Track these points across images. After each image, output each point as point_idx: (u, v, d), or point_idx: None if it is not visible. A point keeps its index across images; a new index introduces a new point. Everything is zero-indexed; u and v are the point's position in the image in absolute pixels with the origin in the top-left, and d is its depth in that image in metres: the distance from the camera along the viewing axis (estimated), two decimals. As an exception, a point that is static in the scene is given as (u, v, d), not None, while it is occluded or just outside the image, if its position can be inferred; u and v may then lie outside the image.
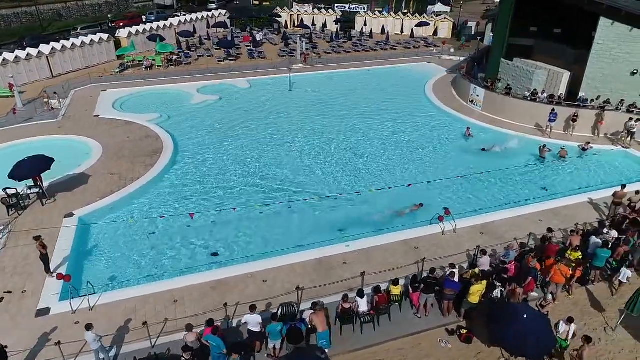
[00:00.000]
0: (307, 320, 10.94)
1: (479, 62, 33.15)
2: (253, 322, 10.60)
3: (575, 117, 23.72)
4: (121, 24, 45.42)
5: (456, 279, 12.25)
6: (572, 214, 16.91)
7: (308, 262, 14.37)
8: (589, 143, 22.52)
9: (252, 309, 10.75)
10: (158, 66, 37.02)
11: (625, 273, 12.85)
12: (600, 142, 23.49)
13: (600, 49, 24.26)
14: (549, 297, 11.54)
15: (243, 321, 10.76)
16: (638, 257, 13.81)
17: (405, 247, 15.12)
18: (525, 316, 9.65)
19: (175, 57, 37.74)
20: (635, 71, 23.82)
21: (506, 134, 24.40)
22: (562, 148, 22.45)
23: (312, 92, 32.55)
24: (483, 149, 22.76)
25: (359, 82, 34.71)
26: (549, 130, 24.16)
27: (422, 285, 11.68)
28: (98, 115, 26.77)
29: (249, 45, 43.26)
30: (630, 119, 22.64)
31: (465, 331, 11.51)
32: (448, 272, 11.89)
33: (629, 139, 22.90)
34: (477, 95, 28.09)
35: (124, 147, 22.55)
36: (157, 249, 15.49)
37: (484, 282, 11.72)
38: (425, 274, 12.68)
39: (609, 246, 12.69)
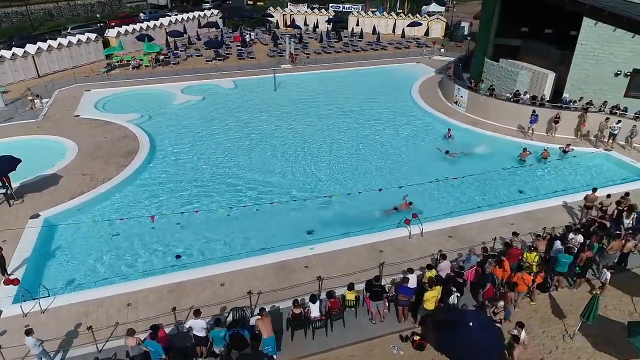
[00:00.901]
0: (255, 326, 10.73)
1: (466, 62, 32.84)
2: (197, 326, 10.41)
3: (557, 119, 23.38)
4: (113, 24, 45.35)
5: (414, 284, 12.04)
6: (546, 218, 16.58)
7: (270, 266, 14.16)
8: (570, 145, 22.18)
9: (197, 313, 10.56)
10: (145, 66, 36.94)
11: (605, 274, 12.65)
12: (582, 144, 23.16)
13: (583, 49, 23.92)
14: (500, 304, 11.27)
15: (187, 326, 10.56)
16: (605, 263, 13.51)
17: (370, 250, 14.88)
18: (471, 324, 9.39)
19: (162, 57, 37.62)
20: (619, 72, 23.45)
21: (480, 137, 24.06)
22: (544, 149, 22.14)
23: (297, 93, 32.35)
24: (447, 152, 22.33)
25: (346, 83, 34.47)
26: (530, 132, 23.83)
27: (369, 293, 11.43)
28: (78, 116, 26.68)
29: (239, 45, 43.12)
30: (607, 119, 22.30)
31: (418, 338, 11.26)
32: (401, 278, 11.64)
33: (610, 140, 22.55)
34: (461, 96, 27.79)
35: (100, 147, 22.44)
36: (119, 251, 15.31)
37: (438, 288, 11.45)
38: (387, 279, 12.47)
39: (570, 251, 12.39)
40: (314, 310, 11.35)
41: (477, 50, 28.68)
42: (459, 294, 11.71)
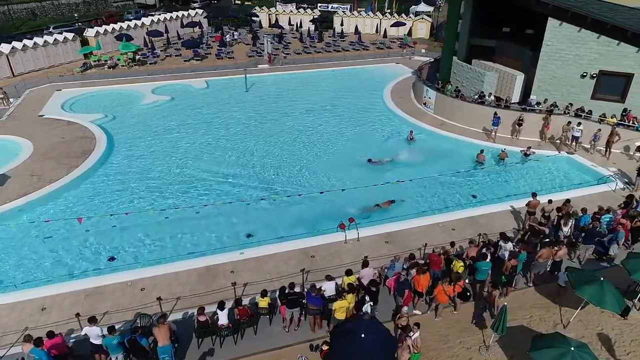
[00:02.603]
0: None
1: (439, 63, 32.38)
2: (93, 334, 10.16)
3: (520, 122, 22.90)
4: (97, 23, 45.32)
5: (332, 291, 11.75)
6: (489, 223, 16.18)
7: (196, 270, 13.89)
8: (531, 148, 21.72)
9: (92, 320, 10.29)
10: (121, 66, 36.86)
11: (562, 277, 12.29)
12: (546, 147, 22.67)
13: (549, 50, 23.43)
14: (405, 309, 10.93)
15: (83, 333, 10.32)
16: (536, 271, 13.11)
17: (302, 255, 14.56)
18: (363, 335, 9.06)
19: (138, 56, 37.50)
20: (585, 74, 22.94)
21: (442, 140, 23.78)
22: (502, 150, 21.72)
23: (268, 93, 32.09)
24: (369, 160, 21.29)
25: (320, 83, 34.17)
26: (493, 134, 23.37)
27: (285, 300, 11.12)
28: (43, 115, 26.61)
29: (220, 45, 42.93)
30: (569, 122, 21.79)
31: (327, 347, 10.92)
32: (309, 286, 11.32)
33: (574, 143, 22.05)
34: (429, 98, 27.37)
35: (56, 147, 22.30)
36: (48, 253, 15.09)
37: (350, 297, 11.14)
38: (308, 286, 12.16)
39: (487, 258, 12.04)
40: (222, 318, 11.07)
41: (444, 51, 28.21)
42: (372, 303, 11.37)
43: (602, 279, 10.83)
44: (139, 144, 23.65)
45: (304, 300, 11.31)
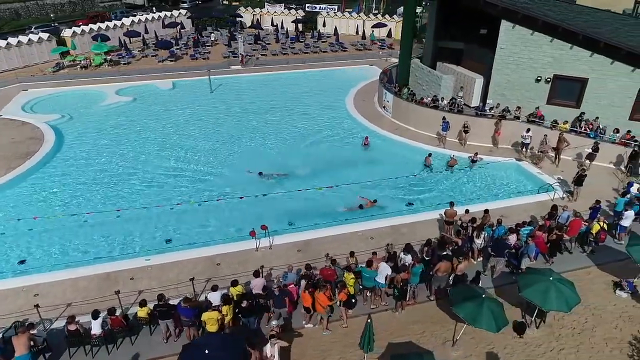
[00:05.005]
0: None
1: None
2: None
3: (465, 129, 22.21)
4: (80, 24, 45.61)
5: (216, 301, 11.47)
6: (412, 232, 15.73)
7: (97, 276, 13.71)
8: (478, 154, 21.10)
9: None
10: (95, 66, 37.02)
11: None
12: (496, 154, 22.04)
13: (504, 53, 22.79)
14: (273, 322, 10.58)
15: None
16: (437, 285, 12.63)
17: (208, 263, 14.30)
18: (207, 352, 8.75)
19: (109, 57, 37.61)
20: (539, 78, 22.24)
21: (393, 144, 23.30)
22: (452, 157, 21.18)
23: (234, 95, 31.88)
24: (260, 173, 20.17)
25: (288, 85, 33.84)
26: (444, 139, 22.78)
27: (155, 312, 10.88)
28: (1, 116, 26.77)
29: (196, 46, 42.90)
30: (528, 130, 21.10)
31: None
32: (182, 298, 11.03)
33: (524, 150, 21.39)
34: (388, 101, 26.88)
35: (3, 148, 22.34)
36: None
37: (225, 308, 10.85)
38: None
39: (374, 266, 11.71)
40: (95, 327, 10.86)
41: (401, 53, 27.64)
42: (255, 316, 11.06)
43: (484, 296, 10.36)
44: (88, 145, 23.58)
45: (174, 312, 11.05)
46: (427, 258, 13.02)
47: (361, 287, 12.35)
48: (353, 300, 11.70)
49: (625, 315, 12.33)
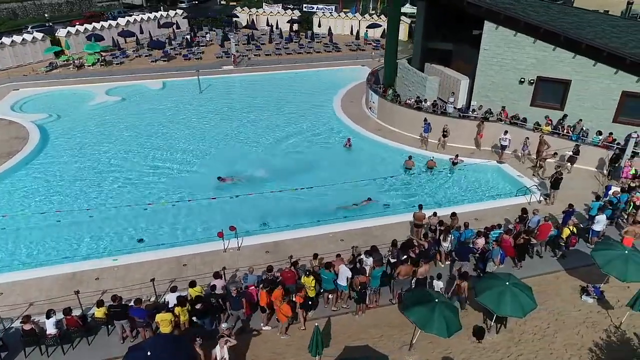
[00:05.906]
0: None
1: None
2: None
3: (445, 132, 22.00)
4: (76, 24, 45.93)
5: (173, 302, 11.46)
6: (384, 234, 15.60)
7: (63, 276, 13.76)
8: (459, 156, 20.95)
9: None
10: (88, 66, 37.25)
11: (437, 284, 12.04)
12: (478, 156, 21.85)
13: (487, 54, 22.60)
14: (224, 325, 10.53)
15: None
16: (399, 288, 12.50)
17: (174, 263, 14.30)
18: (149, 353, 8.73)
19: (101, 57, 37.81)
20: (523, 79, 22.02)
21: (376, 146, 23.16)
22: (430, 159, 21.03)
23: (222, 95, 31.95)
24: (219, 178, 19.77)
25: (278, 86, 33.84)
26: (425, 141, 22.63)
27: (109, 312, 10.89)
28: (-12, 115, 27.05)
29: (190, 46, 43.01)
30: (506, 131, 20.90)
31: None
32: (134, 300, 11.03)
33: (502, 152, 21.18)
34: (374, 102, 26.76)
35: (-14, 147, 22.63)
36: None
37: (178, 309, 10.82)
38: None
39: (331, 269, 11.67)
40: (50, 327, 10.88)
41: (386, 54, 27.49)
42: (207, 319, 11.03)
43: (437, 300, 10.25)
44: (72, 145, 23.72)
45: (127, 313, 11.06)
46: (392, 260, 12.97)
47: (322, 289, 12.28)
48: (310, 303, 11.63)
49: (588, 321, 12.17)
